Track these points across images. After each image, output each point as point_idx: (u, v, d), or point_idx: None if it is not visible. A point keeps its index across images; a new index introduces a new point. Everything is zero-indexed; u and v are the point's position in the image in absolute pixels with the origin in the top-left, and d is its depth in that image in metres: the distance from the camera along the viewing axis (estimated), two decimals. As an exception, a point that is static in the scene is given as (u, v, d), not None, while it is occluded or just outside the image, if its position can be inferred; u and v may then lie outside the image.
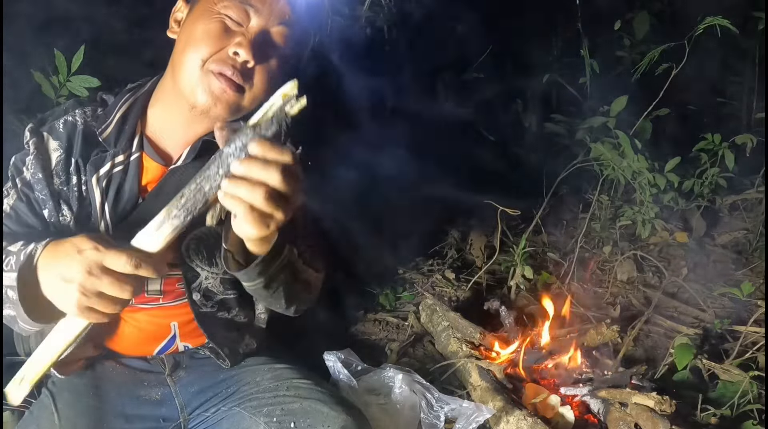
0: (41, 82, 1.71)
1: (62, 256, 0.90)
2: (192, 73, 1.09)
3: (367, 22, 2.57)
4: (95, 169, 1.16)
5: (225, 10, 1.09)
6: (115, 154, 1.17)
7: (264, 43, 1.11)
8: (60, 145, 1.17)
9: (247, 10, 1.09)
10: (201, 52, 1.08)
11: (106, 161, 1.17)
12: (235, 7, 1.09)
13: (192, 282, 1.26)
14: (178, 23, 1.18)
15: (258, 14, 1.09)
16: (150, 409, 1.27)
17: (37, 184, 1.16)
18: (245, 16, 1.09)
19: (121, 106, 1.20)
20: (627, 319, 2.27)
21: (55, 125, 1.19)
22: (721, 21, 2.14)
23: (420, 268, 2.73)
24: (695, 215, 2.95)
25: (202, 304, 1.29)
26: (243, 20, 1.09)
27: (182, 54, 1.11)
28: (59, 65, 1.68)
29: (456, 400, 1.63)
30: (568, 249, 2.70)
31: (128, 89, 1.24)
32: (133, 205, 1.18)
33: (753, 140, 2.64)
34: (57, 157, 1.17)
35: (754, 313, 2.17)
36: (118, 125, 1.18)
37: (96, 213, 1.16)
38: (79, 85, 1.70)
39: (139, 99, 1.22)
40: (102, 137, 1.18)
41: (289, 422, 1.16)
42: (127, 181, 1.17)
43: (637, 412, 1.60)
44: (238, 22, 1.09)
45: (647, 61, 2.36)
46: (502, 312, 2.14)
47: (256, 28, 1.10)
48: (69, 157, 1.17)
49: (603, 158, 2.50)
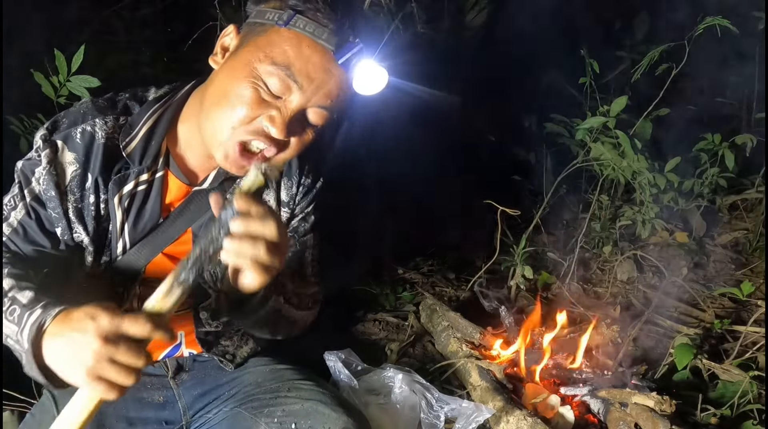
0: (41, 81, 1.70)
1: (75, 323, 0.85)
2: (218, 132, 1.02)
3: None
4: (118, 188, 1.11)
5: (268, 77, 0.99)
6: (140, 172, 1.12)
7: (300, 120, 1.03)
8: (76, 159, 1.09)
9: (290, 85, 0.99)
10: (231, 119, 1.00)
11: (130, 180, 1.11)
12: (279, 77, 0.99)
13: (202, 301, 1.26)
14: (224, 53, 1.08)
15: (301, 92, 1.00)
16: (153, 412, 1.27)
17: (50, 202, 1.09)
18: (287, 90, 1.00)
19: (148, 118, 1.12)
20: (627, 319, 2.27)
21: (71, 134, 1.09)
22: (721, 21, 2.13)
23: (420, 268, 2.73)
24: (695, 215, 2.95)
25: (207, 324, 1.29)
26: (283, 93, 1.00)
27: (213, 105, 1.03)
28: (59, 65, 1.67)
29: (456, 400, 1.63)
30: (568, 249, 2.70)
31: (156, 98, 1.15)
32: (154, 224, 1.16)
33: (753, 140, 2.64)
34: (72, 171, 1.09)
35: (754, 313, 2.17)
36: (144, 140, 1.11)
37: (115, 232, 1.14)
38: (79, 85, 1.70)
39: (167, 111, 1.14)
40: (126, 152, 1.10)
41: (290, 423, 1.16)
42: (150, 201, 1.14)
43: (637, 412, 1.60)
44: (277, 95, 1.00)
45: (647, 61, 2.36)
46: (502, 312, 2.14)
47: (296, 106, 1.00)
48: (86, 172, 1.10)
49: (603, 158, 2.50)
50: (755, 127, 3.24)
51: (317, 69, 0.99)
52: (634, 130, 2.51)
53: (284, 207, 1.26)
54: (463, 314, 2.08)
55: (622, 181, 2.66)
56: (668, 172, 2.55)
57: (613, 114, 2.42)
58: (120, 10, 2.84)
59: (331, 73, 1.00)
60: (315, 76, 0.99)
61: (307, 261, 1.31)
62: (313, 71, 0.99)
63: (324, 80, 1.00)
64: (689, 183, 2.75)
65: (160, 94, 1.16)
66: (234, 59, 1.03)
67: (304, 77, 0.99)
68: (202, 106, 1.07)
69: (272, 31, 1.00)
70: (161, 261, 1.19)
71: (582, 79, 2.57)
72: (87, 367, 0.81)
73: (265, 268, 0.90)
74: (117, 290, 1.19)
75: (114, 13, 2.83)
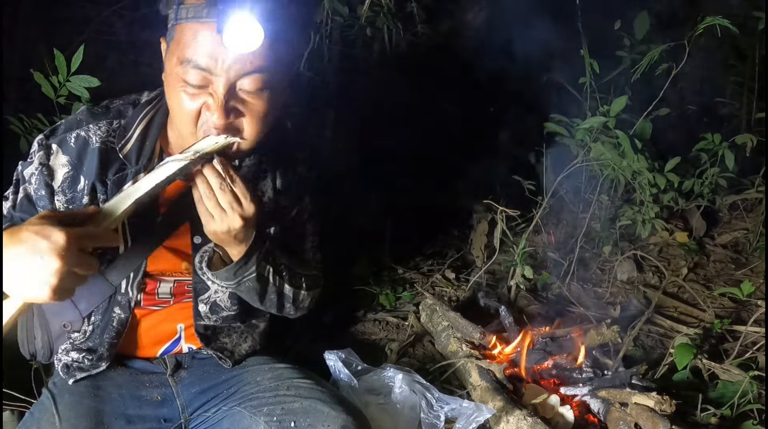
0: (41, 81, 1.70)
1: (29, 244, 0.83)
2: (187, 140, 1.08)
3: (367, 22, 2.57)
4: (117, 188, 1.15)
5: (186, 75, 1.02)
6: (137, 171, 1.17)
7: (240, 97, 1.05)
8: (69, 161, 1.15)
9: (204, 74, 1.01)
10: (187, 126, 1.06)
11: (128, 179, 1.16)
12: (192, 72, 1.01)
13: (201, 294, 1.29)
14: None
15: (216, 74, 1.01)
16: (151, 410, 1.27)
17: (40, 201, 1.16)
18: (205, 79, 1.02)
19: (140, 121, 1.18)
20: (627, 319, 2.27)
21: (66, 138, 1.16)
22: (721, 21, 2.13)
23: (420, 268, 2.73)
24: (695, 215, 2.95)
25: (206, 317, 1.31)
26: (205, 82, 1.02)
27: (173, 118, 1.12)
28: (59, 65, 1.67)
29: (456, 399, 1.63)
30: (568, 249, 2.70)
31: (147, 101, 1.22)
32: (152, 221, 1.19)
33: (753, 140, 2.64)
34: (64, 173, 1.16)
35: (754, 313, 2.17)
36: (139, 141, 1.18)
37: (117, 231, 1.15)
38: (78, 84, 1.70)
39: (158, 113, 1.20)
40: (122, 153, 1.17)
41: (289, 422, 1.16)
42: None
43: (637, 412, 1.60)
44: (202, 86, 1.02)
45: (647, 61, 2.36)
46: (502, 312, 2.14)
47: (221, 87, 1.02)
48: (78, 174, 1.16)
49: (603, 158, 2.50)
50: (755, 127, 3.25)
51: (216, 46, 0.99)
52: (634, 130, 2.51)
53: (282, 195, 1.30)
54: (463, 314, 2.08)
55: (622, 181, 2.66)
56: (668, 172, 2.55)
57: (613, 114, 2.42)
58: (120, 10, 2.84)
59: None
60: (218, 55, 1.00)
61: (308, 247, 1.41)
62: (213, 50, 0.99)
63: (226, 51, 0.99)
64: (689, 183, 2.75)
65: (151, 96, 1.23)
66: (165, 71, 1.08)
67: (209, 60, 1.00)
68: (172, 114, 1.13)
69: (175, 31, 1.04)
70: (161, 253, 1.23)
71: (582, 79, 2.57)
72: (51, 285, 0.84)
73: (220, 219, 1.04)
74: (120, 284, 1.21)
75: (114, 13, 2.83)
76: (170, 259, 1.25)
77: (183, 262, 1.26)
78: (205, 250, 1.24)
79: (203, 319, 1.32)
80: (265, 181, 1.29)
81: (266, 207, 1.28)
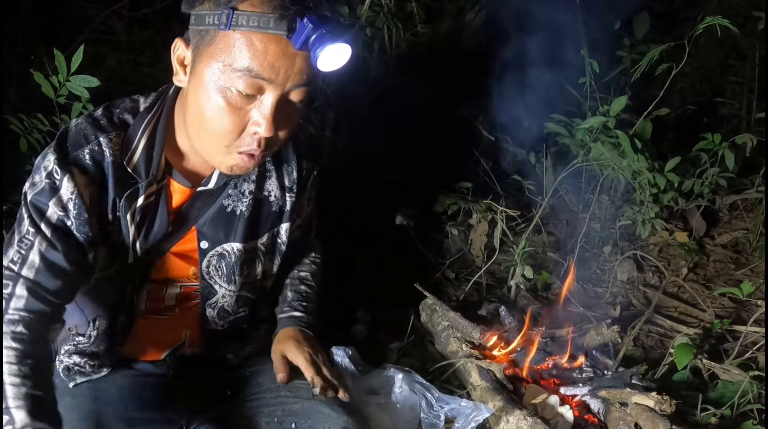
0: (41, 81, 1.70)
1: None
2: (216, 153, 1.04)
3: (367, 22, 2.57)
4: (129, 204, 1.11)
5: (235, 83, 0.96)
6: (148, 184, 1.12)
7: (283, 108, 1.01)
8: (92, 181, 1.07)
9: (260, 83, 0.97)
10: (221, 140, 1.01)
11: (140, 194, 1.12)
12: (245, 80, 0.96)
13: (209, 298, 1.28)
14: (184, 69, 1.05)
15: (273, 85, 0.97)
16: (152, 412, 1.27)
17: (82, 226, 1.07)
18: (258, 89, 0.98)
19: (144, 130, 1.11)
20: (627, 319, 2.27)
21: (79, 157, 1.07)
22: (721, 21, 2.13)
23: (420, 267, 2.72)
24: (695, 215, 2.95)
25: (214, 323, 1.30)
26: (256, 91, 0.98)
27: (199, 129, 1.03)
28: (59, 65, 1.66)
29: (456, 399, 1.63)
30: (568, 249, 2.70)
31: (147, 108, 1.14)
32: (164, 233, 1.17)
33: (753, 140, 2.64)
34: (89, 194, 1.07)
35: (754, 313, 2.17)
36: (145, 153, 1.11)
37: (127, 246, 1.14)
38: (78, 84, 1.69)
39: (161, 121, 1.13)
40: (131, 167, 1.10)
41: (290, 423, 1.16)
42: (159, 212, 1.15)
43: (637, 412, 1.60)
44: (251, 95, 0.98)
45: (647, 61, 2.36)
46: (502, 312, 2.14)
47: (273, 99, 0.98)
48: (100, 191, 1.09)
49: (603, 158, 2.50)
50: (755, 127, 3.25)
51: (278, 58, 0.95)
52: (634, 130, 2.51)
53: (288, 192, 1.29)
54: (463, 314, 2.08)
55: (622, 181, 2.66)
56: (668, 172, 2.55)
57: (613, 114, 2.42)
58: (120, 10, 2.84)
59: (294, 55, 0.96)
60: (279, 65, 0.96)
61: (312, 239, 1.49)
62: (276, 61, 0.95)
63: (290, 64, 0.96)
64: (689, 183, 2.75)
65: (150, 103, 1.15)
66: (195, 77, 1.01)
67: (270, 70, 0.96)
68: (186, 125, 1.08)
69: (219, 37, 0.96)
70: (168, 259, 1.22)
71: (582, 79, 2.57)
72: None
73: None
74: (126, 290, 1.20)
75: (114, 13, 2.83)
76: (177, 264, 1.24)
77: (190, 267, 1.25)
78: (212, 254, 1.24)
79: (210, 324, 1.31)
80: (271, 180, 1.27)
81: (273, 206, 1.28)
